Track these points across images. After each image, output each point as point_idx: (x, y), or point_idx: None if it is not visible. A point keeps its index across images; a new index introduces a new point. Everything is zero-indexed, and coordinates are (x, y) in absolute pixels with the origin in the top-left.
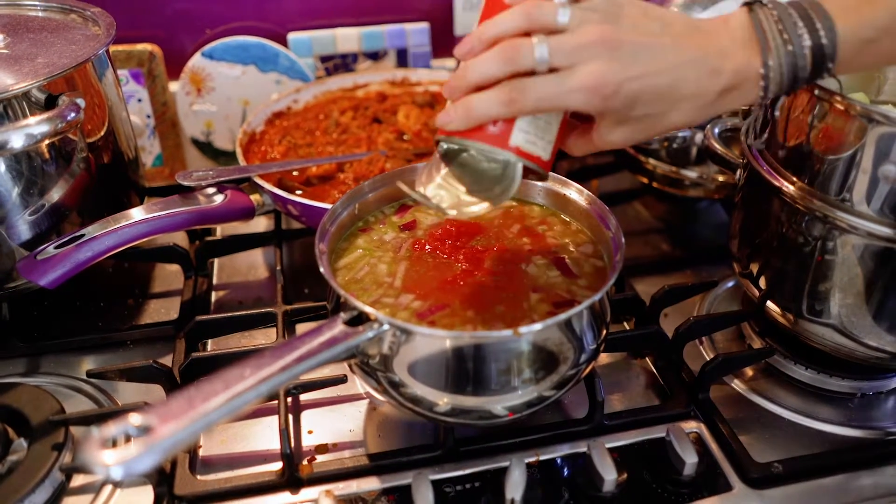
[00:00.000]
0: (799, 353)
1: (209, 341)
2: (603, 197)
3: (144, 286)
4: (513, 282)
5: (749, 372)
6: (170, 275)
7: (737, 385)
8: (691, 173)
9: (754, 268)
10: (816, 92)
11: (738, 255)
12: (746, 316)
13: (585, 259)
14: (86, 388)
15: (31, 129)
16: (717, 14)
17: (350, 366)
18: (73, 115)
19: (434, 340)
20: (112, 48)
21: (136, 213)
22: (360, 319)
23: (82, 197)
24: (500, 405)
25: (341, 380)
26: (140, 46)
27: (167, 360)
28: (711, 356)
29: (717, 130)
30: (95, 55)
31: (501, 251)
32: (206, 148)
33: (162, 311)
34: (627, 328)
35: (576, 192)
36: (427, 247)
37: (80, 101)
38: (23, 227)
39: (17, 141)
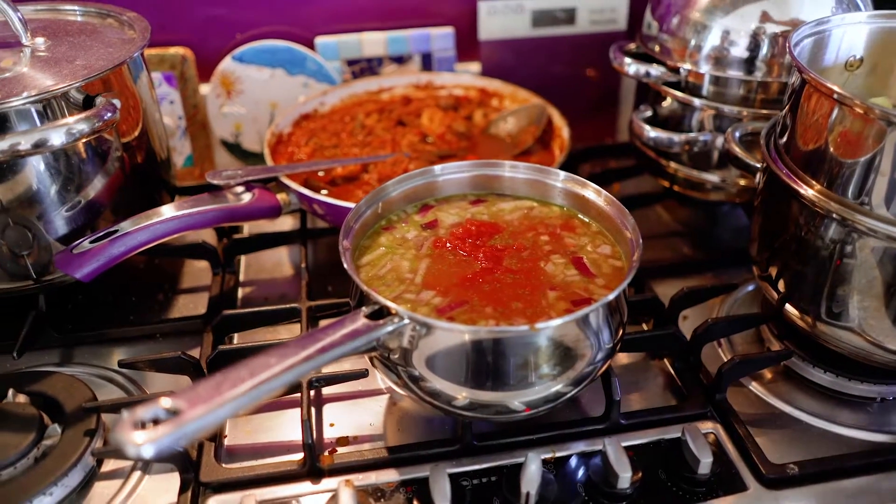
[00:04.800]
0: (818, 356)
1: (235, 335)
2: (624, 200)
3: (174, 282)
4: (531, 280)
5: (768, 375)
6: (198, 271)
7: (755, 388)
8: (713, 177)
9: (773, 271)
10: (835, 96)
11: (758, 258)
12: (765, 318)
13: (604, 259)
14: (117, 378)
15: (70, 128)
16: (738, 21)
17: (371, 360)
18: (109, 114)
19: (452, 335)
20: (146, 52)
21: (167, 211)
22: (381, 314)
23: (116, 194)
24: (517, 400)
25: (363, 374)
26: (172, 50)
27: (195, 353)
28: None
29: (737, 134)
30: (131, 58)
31: (520, 250)
32: (235, 149)
33: (190, 305)
34: (646, 329)
35: (594, 193)
36: (448, 245)
37: (116, 102)
38: (60, 222)
39: (56, 139)
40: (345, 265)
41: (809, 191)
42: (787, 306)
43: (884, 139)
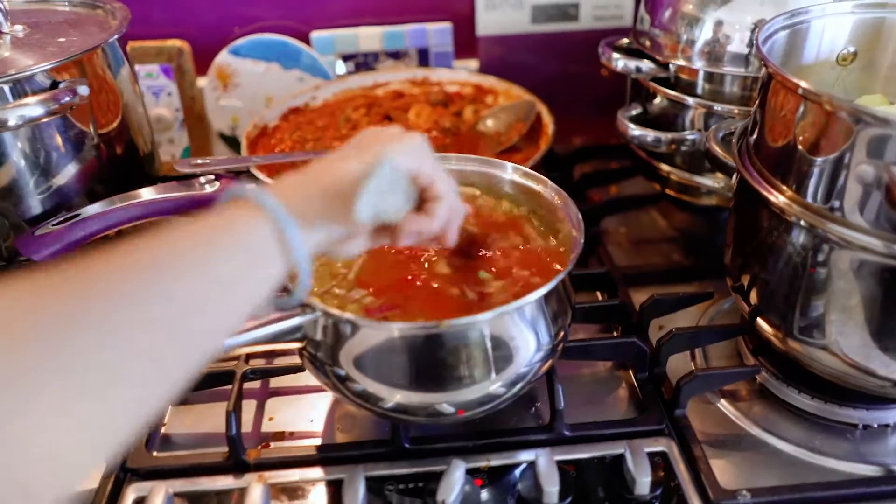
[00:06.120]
0: (793, 375)
1: None
2: (615, 202)
3: None
4: (473, 280)
5: (742, 392)
6: None
7: (724, 405)
8: (706, 181)
9: (745, 280)
10: (800, 90)
11: (731, 266)
12: (735, 331)
13: (550, 255)
14: None
15: (25, 110)
16: (731, 14)
17: (301, 357)
18: (67, 98)
19: (373, 332)
20: (143, 43)
21: (132, 197)
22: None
23: (92, 183)
24: (446, 402)
25: (300, 368)
26: (170, 42)
27: None
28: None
29: (720, 134)
30: (102, 45)
31: (465, 247)
32: (231, 142)
33: None
34: (605, 336)
35: (541, 185)
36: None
37: (82, 88)
38: (32, 206)
39: (11, 119)
40: None
41: (778, 195)
42: (759, 320)
43: (853, 137)
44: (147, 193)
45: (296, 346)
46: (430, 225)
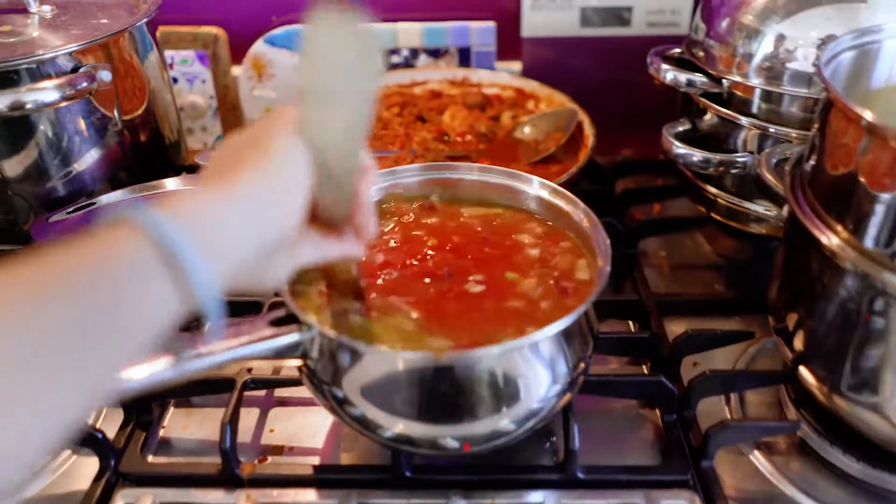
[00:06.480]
0: (838, 433)
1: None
2: (660, 222)
3: None
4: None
5: (780, 445)
6: None
7: (758, 458)
8: (757, 207)
9: (790, 322)
10: (864, 122)
11: (776, 302)
12: (775, 379)
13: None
14: None
15: (40, 94)
16: (795, 28)
17: (300, 372)
18: (84, 83)
19: (370, 356)
20: (179, 29)
21: (154, 187)
22: (289, 320)
23: (113, 170)
24: (451, 435)
25: (298, 381)
26: (205, 29)
27: None
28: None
29: (774, 160)
30: (126, 29)
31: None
32: None
33: None
34: (632, 373)
35: (570, 205)
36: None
37: (104, 74)
38: (53, 189)
39: (29, 103)
40: None
41: (831, 236)
42: (802, 369)
43: None
44: (171, 184)
45: (296, 363)
46: (374, 176)
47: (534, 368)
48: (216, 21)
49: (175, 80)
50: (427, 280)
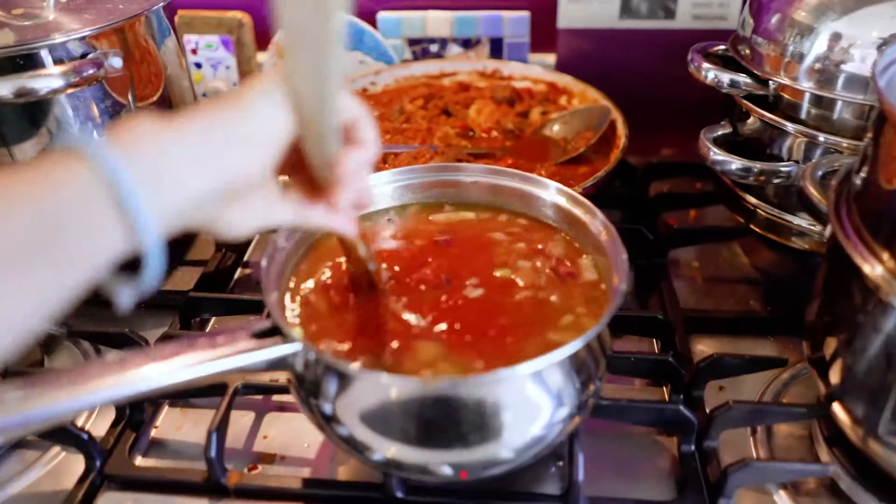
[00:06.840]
0: (874, 478)
1: (213, 318)
2: (694, 231)
3: (183, 251)
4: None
5: (808, 485)
6: (208, 245)
7: (782, 499)
8: (800, 220)
9: (826, 352)
10: None
11: (812, 326)
12: (805, 415)
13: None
14: (82, 343)
15: (44, 81)
16: (853, 26)
17: (288, 383)
18: (91, 70)
19: (358, 378)
20: (204, 13)
21: None
22: (273, 332)
23: None
24: (446, 462)
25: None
26: (230, 14)
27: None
28: (762, 455)
29: (820, 172)
30: (140, 14)
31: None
32: None
33: (187, 279)
34: (651, 399)
35: (588, 214)
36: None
37: (115, 60)
38: None
39: (42, 89)
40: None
41: (875, 265)
42: (836, 406)
43: None
44: None
45: (284, 376)
46: (371, 152)
47: (537, 392)
48: (241, 6)
49: (199, 66)
50: (423, 287)
